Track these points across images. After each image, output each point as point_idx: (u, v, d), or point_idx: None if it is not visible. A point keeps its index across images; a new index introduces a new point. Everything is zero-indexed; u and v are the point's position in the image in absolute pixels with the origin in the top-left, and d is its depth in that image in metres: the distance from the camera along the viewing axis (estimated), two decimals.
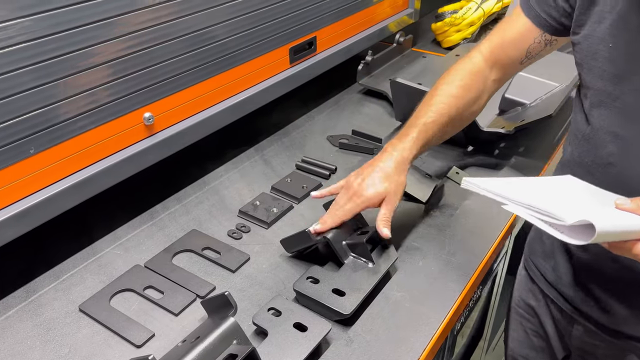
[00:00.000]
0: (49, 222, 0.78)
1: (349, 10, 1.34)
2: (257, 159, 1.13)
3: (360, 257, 0.81)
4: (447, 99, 0.88)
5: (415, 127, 0.87)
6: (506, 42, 0.89)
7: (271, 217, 0.93)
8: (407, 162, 0.86)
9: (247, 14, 1.04)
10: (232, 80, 1.05)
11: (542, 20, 0.83)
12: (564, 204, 0.68)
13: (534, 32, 0.86)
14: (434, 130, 0.88)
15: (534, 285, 0.95)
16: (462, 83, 0.89)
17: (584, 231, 0.60)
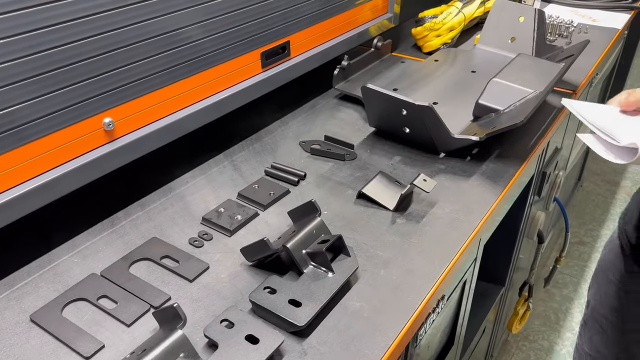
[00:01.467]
0: (4, 229, 0.76)
1: (324, 15, 1.33)
2: (226, 164, 1.11)
3: (320, 267, 0.79)
4: None
5: None
6: None
7: (234, 225, 0.91)
8: None
9: (216, 17, 1.02)
10: (200, 84, 1.04)
11: None
12: (628, 129, 0.89)
13: None
14: None
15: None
16: None
17: (632, 153, 0.83)
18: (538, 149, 1.19)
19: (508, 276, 1.50)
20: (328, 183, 1.05)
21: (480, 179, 1.06)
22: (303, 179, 1.06)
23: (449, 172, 1.09)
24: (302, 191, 1.03)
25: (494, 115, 1.20)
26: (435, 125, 1.08)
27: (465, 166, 1.11)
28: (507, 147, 1.17)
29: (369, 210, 0.98)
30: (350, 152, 1.15)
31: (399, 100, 1.08)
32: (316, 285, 0.76)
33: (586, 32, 1.90)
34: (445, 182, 1.05)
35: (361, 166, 1.11)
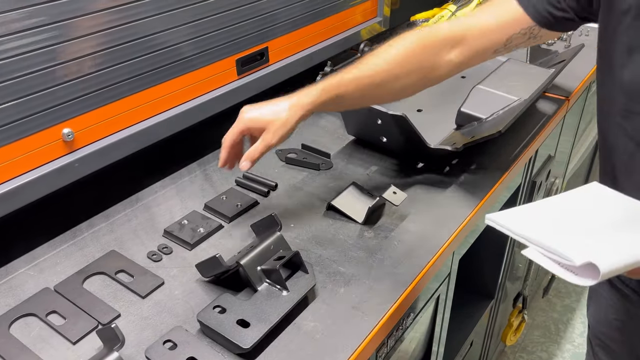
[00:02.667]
0: None
1: (307, 20, 1.30)
2: (198, 173, 1.09)
3: (275, 284, 0.76)
4: (379, 63, 0.83)
5: (330, 79, 0.83)
6: (487, 24, 0.83)
7: (196, 238, 0.89)
8: (303, 108, 0.82)
9: (186, 24, 1.00)
10: (169, 92, 1.02)
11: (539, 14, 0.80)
12: (581, 232, 0.67)
13: (523, 22, 0.82)
14: (350, 88, 0.82)
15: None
16: (403, 51, 0.83)
17: (595, 269, 0.59)
18: (523, 159, 1.15)
19: (498, 288, 1.46)
20: (299, 194, 1.03)
21: (457, 190, 1.02)
22: (274, 190, 1.04)
23: (425, 183, 1.05)
24: (271, 202, 1.00)
25: (476, 123, 1.16)
26: (410, 135, 1.05)
27: (442, 177, 1.07)
28: (489, 157, 1.13)
29: (337, 223, 0.95)
30: (326, 161, 1.12)
31: (373, 109, 1.05)
32: (268, 304, 0.74)
33: (587, 34, 1.84)
34: (419, 194, 1.02)
35: (336, 176, 1.08)
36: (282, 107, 0.82)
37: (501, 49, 0.85)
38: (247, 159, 0.84)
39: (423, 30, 0.86)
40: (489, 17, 0.84)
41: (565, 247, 0.63)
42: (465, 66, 0.88)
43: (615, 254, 0.62)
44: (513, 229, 0.69)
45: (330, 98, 0.82)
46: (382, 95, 0.88)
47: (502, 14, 0.83)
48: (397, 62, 0.83)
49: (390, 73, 0.83)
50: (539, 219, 0.71)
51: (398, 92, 0.88)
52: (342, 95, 0.83)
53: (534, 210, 0.74)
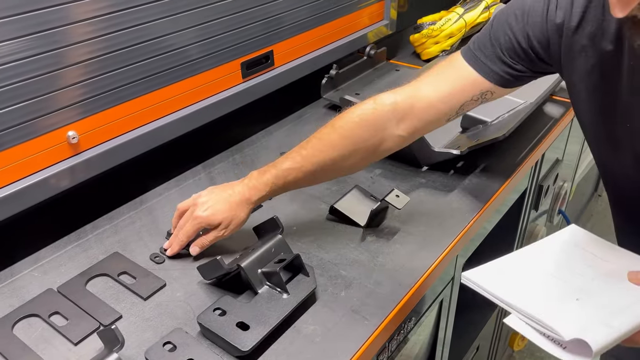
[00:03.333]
0: None
1: (313, 23, 1.30)
2: (202, 176, 1.09)
3: (276, 287, 0.76)
4: (324, 146, 0.83)
5: (279, 167, 0.84)
6: (439, 93, 0.82)
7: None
8: (254, 204, 0.84)
9: (192, 28, 1.01)
10: (174, 95, 1.02)
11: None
12: (566, 295, 0.64)
13: (480, 86, 0.81)
14: (298, 176, 0.83)
15: None
16: (347, 132, 0.82)
17: (585, 345, 0.56)
18: (529, 162, 1.14)
19: None
20: (302, 196, 1.03)
21: (461, 194, 1.02)
22: None
23: (429, 187, 1.04)
24: (274, 205, 1.00)
25: (481, 126, 1.15)
26: None
27: (447, 180, 1.06)
28: (495, 161, 1.12)
29: (339, 226, 0.95)
30: None
31: None
32: (268, 307, 0.74)
33: None
34: (423, 197, 1.02)
35: (340, 180, 1.08)
36: (236, 201, 0.83)
37: (453, 116, 0.85)
38: (198, 246, 0.85)
39: (365, 106, 0.84)
40: (441, 85, 0.82)
41: (552, 317, 0.60)
42: (416, 136, 0.87)
43: (606, 327, 0.59)
44: (492, 291, 0.66)
45: (284, 185, 0.84)
46: (332, 175, 0.89)
47: (457, 80, 0.82)
48: (342, 145, 0.82)
49: (336, 155, 0.83)
50: (519, 277, 0.68)
51: (347, 169, 0.88)
52: (295, 180, 0.84)
53: (512, 263, 0.71)
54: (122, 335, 0.65)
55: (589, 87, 0.74)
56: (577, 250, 0.73)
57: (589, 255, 0.72)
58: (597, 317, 0.61)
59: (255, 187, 0.84)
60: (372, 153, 0.85)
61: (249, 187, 0.84)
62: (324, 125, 0.85)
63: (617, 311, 0.62)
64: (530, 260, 0.72)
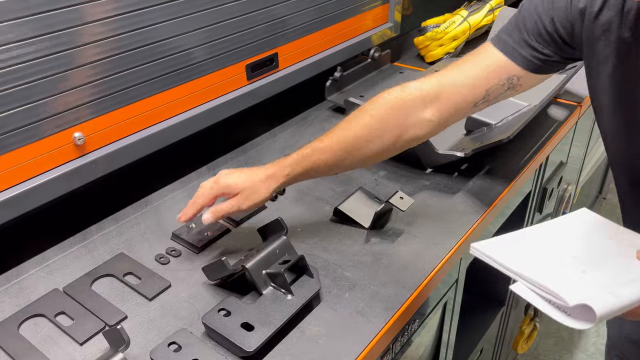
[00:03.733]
0: None
1: (317, 26, 1.31)
2: (207, 178, 1.09)
3: (280, 288, 0.77)
4: (352, 126, 0.84)
5: (304, 150, 0.85)
6: (465, 77, 0.83)
7: (203, 242, 0.90)
8: (277, 181, 0.84)
9: (197, 30, 1.02)
10: (179, 97, 1.03)
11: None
12: (572, 266, 0.65)
13: (508, 70, 0.82)
14: (323, 158, 0.83)
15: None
16: (376, 113, 0.83)
17: (589, 311, 0.57)
18: (533, 165, 1.14)
19: (508, 295, 1.44)
20: (307, 198, 1.03)
21: (465, 196, 1.02)
22: (282, 194, 1.04)
23: (433, 189, 1.05)
24: (279, 207, 1.01)
25: (485, 129, 1.15)
26: None
27: (451, 182, 1.06)
28: (499, 163, 1.12)
29: (344, 227, 0.95)
30: None
31: None
32: (273, 308, 0.74)
33: None
34: (427, 200, 1.02)
35: (344, 181, 1.08)
36: (259, 177, 0.83)
37: (480, 102, 0.84)
38: (213, 214, 0.83)
39: (393, 91, 0.86)
40: (468, 69, 0.84)
41: (558, 284, 0.61)
42: (445, 123, 0.87)
43: (612, 295, 0.60)
44: (500, 260, 0.67)
45: (304, 170, 0.84)
46: (355, 161, 0.87)
47: (484, 63, 0.83)
48: (371, 125, 0.83)
49: (364, 134, 0.83)
50: (527, 250, 0.69)
51: (370, 157, 0.87)
52: (317, 163, 0.84)
53: (521, 238, 0.72)
54: (127, 335, 0.65)
55: (608, 72, 0.74)
56: (587, 228, 0.74)
57: (598, 234, 0.72)
58: (602, 287, 0.62)
59: (280, 165, 0.84)
60: (398, 138, 0.84)
61: (272, 165, 0.85)
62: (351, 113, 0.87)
63: (623, 283, 0.62)
64: (539, 235, 0.73)
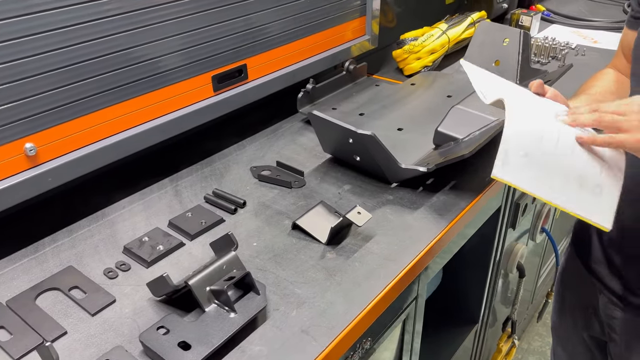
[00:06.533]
0: None
1: (288, 38, 1.30)
2: (168, 189, 1.08)
3: (223, 306, 0.75)
4: (609, 81, 1.07)
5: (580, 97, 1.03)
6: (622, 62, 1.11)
7: (154, 256, 0.88)
8: None
9: (160, 40, 1.01)
10: (140, 108, 1.02)
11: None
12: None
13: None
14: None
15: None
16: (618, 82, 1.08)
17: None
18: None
19: (482, 312, 1.42)
20: (267, 212, 1.01)
21: (427, 212, 1.00)
22: (242, 207, 1.02)
23: (396, 204, 1.03)
24: (237, 220, 0.99)
25: (453, 144, 1.14)
26: (381, 154, 1.03)
27: (415, 197, 1.05)
28: (466, 178, 1.11)
29: (301, 242, 0.93)
30: (299, 179, 1.11)
31: (342, 128, 1.04)
32: (214, 326, 0.72)
33: (584, 54, 1.81)
34: (389, 214, 1.00)
35: (307, 194, 1.07)
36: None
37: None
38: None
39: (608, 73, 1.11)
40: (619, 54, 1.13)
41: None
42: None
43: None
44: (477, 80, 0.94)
45: None
46: None
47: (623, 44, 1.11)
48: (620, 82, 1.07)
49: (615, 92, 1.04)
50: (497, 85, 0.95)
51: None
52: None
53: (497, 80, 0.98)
54: (56, 353, 0.64)
55: None
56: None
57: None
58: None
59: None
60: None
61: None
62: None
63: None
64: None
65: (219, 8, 1.10)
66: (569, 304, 1.24)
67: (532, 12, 2.02)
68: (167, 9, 1.00)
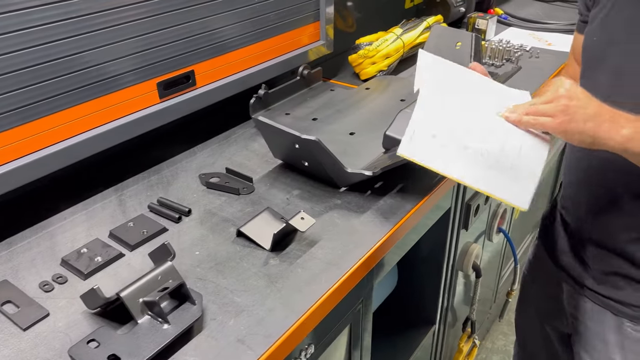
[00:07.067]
0: None
1: (238, 43, 1.29)
2: (112, 199, 1.06)
3: (157, 317, 0.74)
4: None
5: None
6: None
7: (91, 268, 0.86)
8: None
9: (102, 47, 0.99)
10: (83, 115, 1.00)
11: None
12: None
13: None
14: None
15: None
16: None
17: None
18: (447, 182, 1.13)
19: (439, 313, 1.43)
20: (213, 219, 1.00)
21: (373, 215, 1.00)
22: (187, 215, 1.01)
23: (344, 208, 1.03)
24: (181, 228, 0.98)
25: None
26: (326, 159, 1.03)
27: (362, 201, 1.05)
28: (414, 181, 1.11)
29: (245, 250, 0.92)
30: (248, 185, 1.10)
31: (288, 133, 1.03)
32: (146, 338, 0.71)
33: (537, 56, 1.85)
34: (335, 219, 1.00)
35: (255, 201, 1.06)
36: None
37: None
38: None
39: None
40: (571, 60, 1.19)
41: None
42: None
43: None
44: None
45: None
46: None
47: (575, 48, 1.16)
48: None
49: None
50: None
51: None
52: None
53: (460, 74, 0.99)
54: None
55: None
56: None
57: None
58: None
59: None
60: None
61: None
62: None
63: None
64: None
65: (165, 14, 1.09)
66: (534, 296, 1.27)
67: (488, 15, 2.05)
68: (111, 15, 0.98)
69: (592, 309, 1.10)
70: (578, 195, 1.09)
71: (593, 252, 1.07)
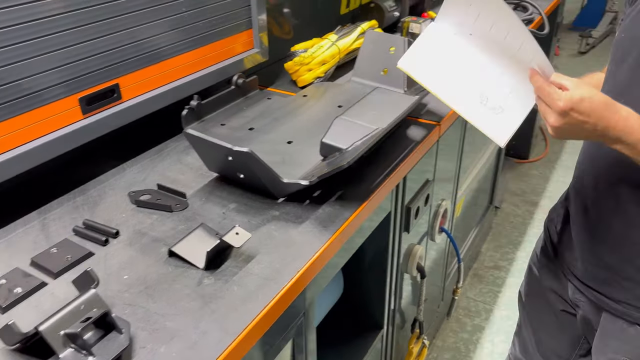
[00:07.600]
0: None
1: (166, 53, 1.25)
2: (35, 224, 1.00)
3: (80, 349, 0.69)
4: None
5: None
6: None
7: (10, 300, 0.80)
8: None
9: (15, 63, 0.93)
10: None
11: None
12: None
13: None
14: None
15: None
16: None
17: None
18: (386, 187, 1.13)
19: (386, 316, 1.43)
20: (143, 240, 0.96)
21: (312, 225, 0.99)
22: (115, 237, 0.96)
23: (281, 219, 1.01)
24: (108, 252, 0.92)
25: (337, 154, 1.13)
26: (261, 170, 1.01)
27: (301, 211, 1.03)
28: (352, 187, 1.10)
29: (177, 270, 0.88)
30: (181, 201, 1.06)
31: (219, 146, 1.00)
32: None
33: None
34: (273, 231, 0.97)
35: (189, 217, 1.02)
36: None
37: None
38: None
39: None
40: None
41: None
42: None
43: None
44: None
45: None
46: None
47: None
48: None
49: None
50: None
51: None
52: None
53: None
54: None
55: None
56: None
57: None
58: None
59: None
60: None
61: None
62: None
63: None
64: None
65: (86, 25, 1.03)
66: (545, 283, 1.28)
67: (422, 19, 2.09)
68: (26, 29, 0.92)
69: (591, 305, 1.12)
70: (568, 194, 1.14)
71: (581, 251, 1.10)
